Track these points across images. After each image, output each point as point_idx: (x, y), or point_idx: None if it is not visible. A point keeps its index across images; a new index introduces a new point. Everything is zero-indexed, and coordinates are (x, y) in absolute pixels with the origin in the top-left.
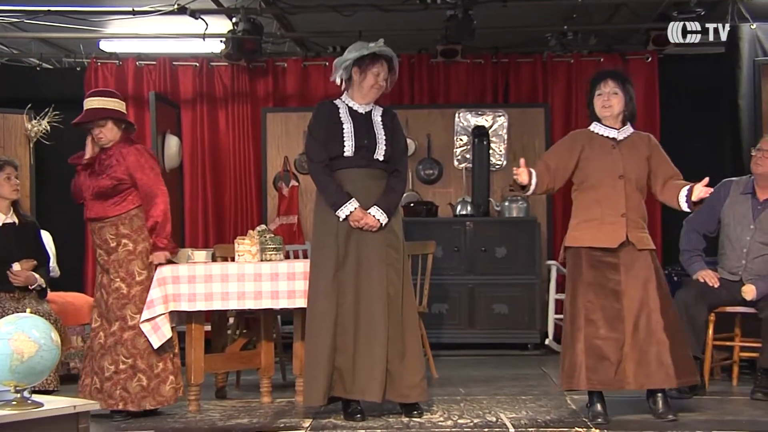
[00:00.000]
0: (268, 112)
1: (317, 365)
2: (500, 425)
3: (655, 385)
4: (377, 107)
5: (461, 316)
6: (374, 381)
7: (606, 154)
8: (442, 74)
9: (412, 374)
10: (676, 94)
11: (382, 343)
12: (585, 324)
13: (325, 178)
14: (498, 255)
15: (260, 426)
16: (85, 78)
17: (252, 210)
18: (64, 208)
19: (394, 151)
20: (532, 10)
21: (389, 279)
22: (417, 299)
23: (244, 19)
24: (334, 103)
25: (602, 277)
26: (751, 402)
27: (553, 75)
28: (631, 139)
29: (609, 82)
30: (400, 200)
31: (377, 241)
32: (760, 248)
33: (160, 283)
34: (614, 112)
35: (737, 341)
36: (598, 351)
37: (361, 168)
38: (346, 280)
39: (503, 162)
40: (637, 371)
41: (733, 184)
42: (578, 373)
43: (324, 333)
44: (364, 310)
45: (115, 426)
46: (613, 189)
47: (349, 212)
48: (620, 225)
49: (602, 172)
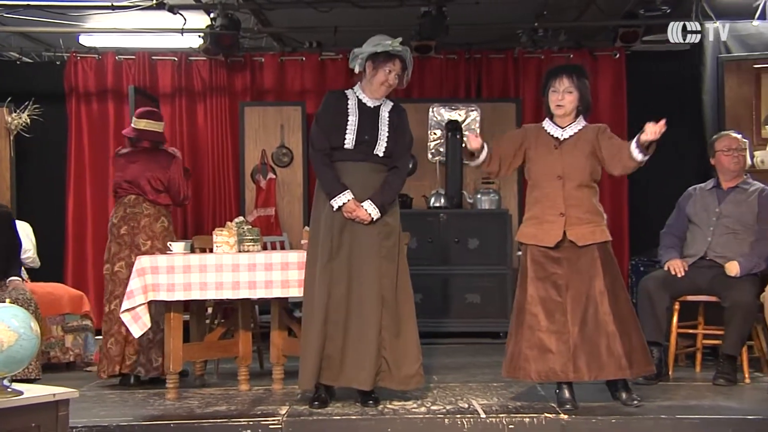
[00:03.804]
0: (245, 106)
1: (308, 350)
2: (472, 411)
3: (608, 376)
4: (387, 102)
5: (435, 306)
6: (364, 370)
7: (546, 155)
8: (416, 69)
9: (410, 363)
10: (643, 90)
11: (373, 333)
12: (528, 317)
13: (322, 167)
14: (471, 246)
15: (238, 413)
16: (65, 72)
17: (230, 202)
18: (45, 200)
19: (396, 147)
20: (504, 8)
21: (383, 271)
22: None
23: (222, 14)
24: (344, 93)
25: (545, 271)
26: (713, 387)
27: (524, 71)
28: (577, 136)
29: (564, 79)
30: (396, 195)
31: (371, 233)
32: (724, 229)
33: (139, 274)
34: (567, 110)
35: (700, 329)
36: (539, 343)
37: (359, 162)
38: (339, 270)
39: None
40: (590, 363)
41: (698, 188)
42: (520, 363)
43: (316, 321)
44: (356, 301)
45: (94, 413)
46: (551, 189)
47: (343, 203)
48: (558, 224)
49: (542, 172)
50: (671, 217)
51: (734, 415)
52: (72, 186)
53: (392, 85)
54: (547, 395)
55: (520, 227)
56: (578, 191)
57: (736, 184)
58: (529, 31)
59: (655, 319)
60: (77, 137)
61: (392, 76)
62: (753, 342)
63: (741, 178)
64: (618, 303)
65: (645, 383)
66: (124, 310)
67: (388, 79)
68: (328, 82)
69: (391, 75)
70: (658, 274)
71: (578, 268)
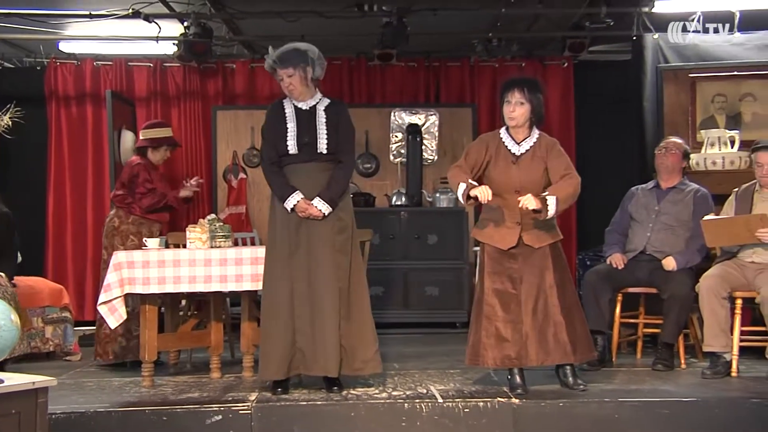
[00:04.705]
0: (218, 110)
1: (273, 343)
2: (430, 396)
3: (554, 361)
4: (323, 100)
5: (396, 298)
6: (330, 359)
7: (506, 168)
8: (379, 76)
9: (365, 349)
10: (590, 97)
11: (334, 323)
12: (485, 308)
13: (272, 176)
14: (430, 242)
15: (210, 399)
16: (45, 77)
17: (203, 200)
18: (26, 198)
19: (339, 142)
20: (461, 18)
21: (338, 263)
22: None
23: (195, 23)
24: (281, 103)
25: (501, 266)
26: (652, 372)
27: (479, 78)
28: (532, 151)
29: (515, 93)
30: (345, 189)
31: (325, 228)
32: (662, 225)
33: (116, 268)
34: (519, 122)
35: (641, 319)
36: (496, 332)
37: (305, 163)
38: (299, 266)
39: (434, 157)
40: (538, 350)
41: (640, 189)
42: (479, 351)
43: (280, 315)
44: (316, 294)
45: (73, 400)
46: (510, 200)
47: (294, 204)
48: (514, 231)
49: (502, 184)
50: (615, 216)
51: (671, 398)
52: (52, 185)
53: (296, 87)
54: (500, 381)
55: (478, 225)
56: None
57: (674, 185)
58: (483, 41)
59: (599, 310)
60: (57, 139)
61: (291, 80)
62: (689, 330)
63: (678, 179)
64: (565, 295)
65: (589, 369)
66: (101, 303)
67: (288, 85)
68: None
69: (292, 79)
70: (601, 268)
71: (531, 263)
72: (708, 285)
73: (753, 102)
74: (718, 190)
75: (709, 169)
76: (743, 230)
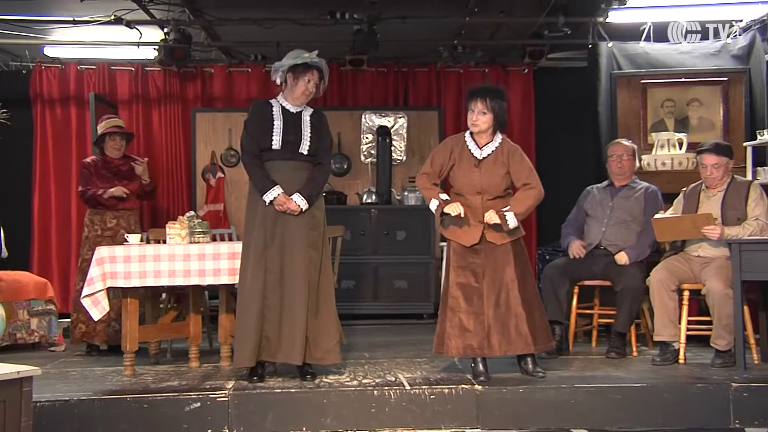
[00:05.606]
0: (197, 112)
1: (246, 332)
2: (398, 384)
3: (516, 351)
4: (308, 108)
5: (367, 291)
6: (295, 347)
7: (469, 171)
8: (350, 80)
9: (327, 340)
10: (549, 101)
11: (302, 314)
12: (450, 300)
13: (252, 167)
14: (398, 238)
15: (188, 388)
16: (31, 80)
17: (182, 198)
18: (12, 196)
19: (319, 146)
20: (428, 26)
21: (310, 257)
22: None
23: (175, 29)
24: (269, 102)
25: (465, 261)
26: (606, 360)
27: (445, 82)
28: (494, 155)
29: (478, 102)
30: (322, 189)
31: (300, 224)
32: (616, 220)
33: (98, 263)
34: (481, 129)
35: (596, 310)
36: (459, 323)
37: (287, 160)
38: (273, 259)
39: (403, 157)
40: (501, 340)
41: (595, 188)
42: (444, 340)
43: (253, 305)
44: (288, 285)
45: (57, 389)
46: (473, 200)
47: (273, 197)
48: (477, 230)
49: (465, 184)
50: (571, 213)
51: (623, 384)
52: (37, 184)
53: (311, 93)
54: (464, 369)
55: (444, 223)
56: (494, 202)
57: (626, 183)
58: (449, 48)
59: (557, 301)
60: (42, 139)
61: (311, 84)
62: (640, 320)
63: (630, 179)
64: (526, 288)
65: (548, 357)
66: (85, 296)
67: (307, 87)
68: (272, 90)
69: (310, 84)
70: (559, 262)
71: (494, 258)
72: (658, 278)
73: (699, 107)
74: (668, 189)
75: (659, 169)
76: (691, 227)
